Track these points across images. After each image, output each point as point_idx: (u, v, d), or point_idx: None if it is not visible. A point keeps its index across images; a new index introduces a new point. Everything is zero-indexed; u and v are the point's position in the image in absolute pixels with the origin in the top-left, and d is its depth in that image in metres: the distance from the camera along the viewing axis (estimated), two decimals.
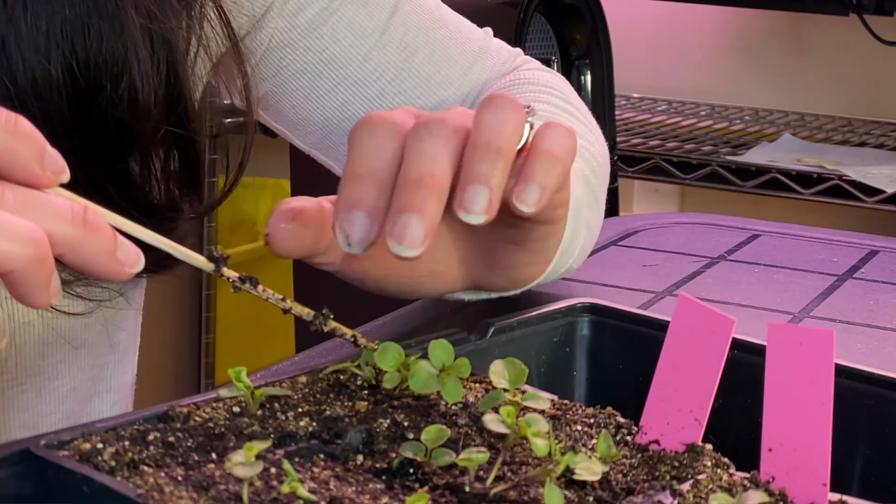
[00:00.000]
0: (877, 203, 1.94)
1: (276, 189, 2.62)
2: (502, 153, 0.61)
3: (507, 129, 0.62)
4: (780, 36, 2.40)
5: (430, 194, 0.59)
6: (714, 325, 0.56)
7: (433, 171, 0.60)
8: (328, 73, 0.90)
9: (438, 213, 0.59)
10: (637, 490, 0.54)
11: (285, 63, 0.89)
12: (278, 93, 0.90)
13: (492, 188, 0.59)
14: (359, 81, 0.90)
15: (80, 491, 0.49)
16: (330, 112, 0.91)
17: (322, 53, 0.89)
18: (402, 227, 0.58)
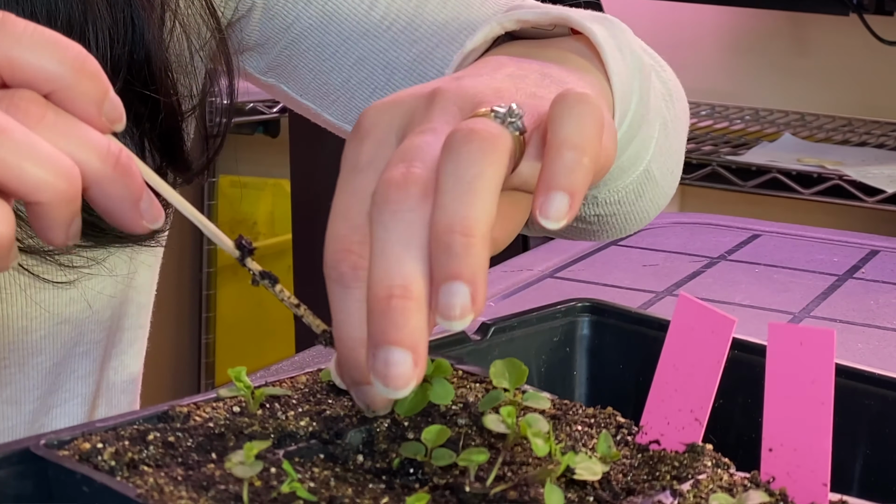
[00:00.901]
0: (877, 203, 1.94)
1: (276, 189, 2.62)
2: (473, 234, 0.51)
3: (475, 191, 0.51)
4: (780, 36, 2.40)
5: (406, 314, 0.50)
6: (714, 325, 0.56)
7: (403, 280, 0.51)
8: (335, 27, 0.87)
9: (423, 330, 0.51)
10: (637, 490, 0.53)
11: (290, 20, 0.87)
12: (292, 56, 0.88)
13: (470, 282, 0.50)
14: (367, 33, 0.87)
15: (80, 491, 0.49)
16: (347, 71, 0.88)
17: (325, 5, 0.87)
18: (384, 364, 0.50)
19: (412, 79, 0.87)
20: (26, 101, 0.51)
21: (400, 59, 0.87)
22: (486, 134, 0.53)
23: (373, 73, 0.88)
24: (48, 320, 0.81)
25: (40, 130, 0.51)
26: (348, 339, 0.54)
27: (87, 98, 0.53)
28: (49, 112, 0.52)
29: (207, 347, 2.52)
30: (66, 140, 0.52)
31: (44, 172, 0.50)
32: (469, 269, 0.50)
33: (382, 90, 0.88)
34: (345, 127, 0.91)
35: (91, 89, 0.53)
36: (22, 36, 0.51)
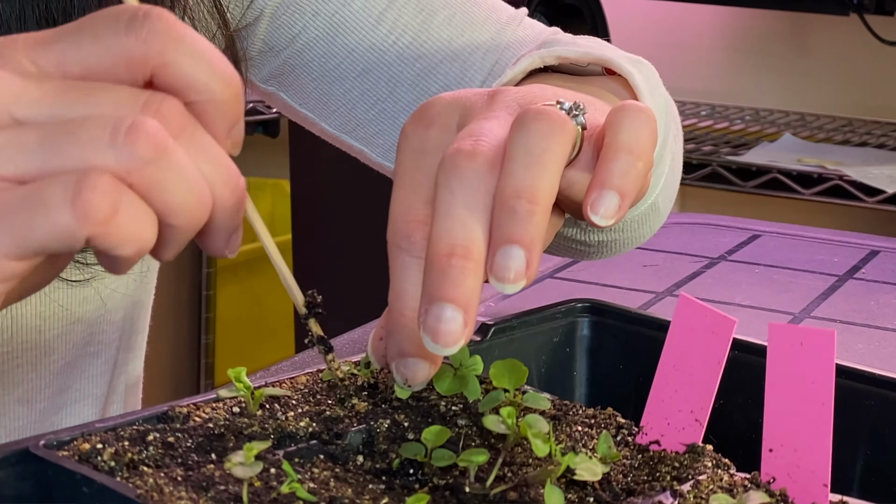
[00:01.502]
0: (877, 203, 1.94)
1: (276, 189, 2.62)
2: (537, 202, 0.53)
3: (543, 163, 0.54)
4: (780, 36, 2.40)
5: (464, 274, 0.52)
6: (715, 326, 0.56)
7: (465, 240, 0.53)
8: (341, 39, 0.87)
9: (477, 292, 0.52)
10: (637, 491, 0.53)
11: (296, 31, 0.87)
12: (296, 66, 0.89)
13: (527, 248, 0.52)
14: (374, 46, 0.87)
15: (79, 491, 0.49)
16: (350, 83, 0.89)
17: (332, 17, 0.87)
18: (436, 320, 0.51)
19: (415, 93, 0.88)
20: (172, 111, 0.49)
21: (404, 73, 0.87)
22: (555, 115, 0.55)
23: (376, 85, 0.88)
24: (62, 319, 0.81)
25: (181, 143, 0.49)
26: (406, 307, 0.55)
27: (225, 118, 0.51)
28: (189, 125, 0.50)
29: (207, 348, 2.52)
30: (202, 160, 0.50)
31: (189, 199, 0.49)
32: (528, 235, 0.52)
33: (384, 102, 0.88)
34: (343, 137, 0.91)
35: (231, 110, 0.51)
36: (182, 38, 0.50)
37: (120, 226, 0.47)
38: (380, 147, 0.90)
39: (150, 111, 0.49)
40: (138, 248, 0.48)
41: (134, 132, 0.48)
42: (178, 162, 0.49)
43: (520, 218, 0.52)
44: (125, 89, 0.50)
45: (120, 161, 0.48)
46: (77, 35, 0.50)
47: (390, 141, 0.89)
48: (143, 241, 0.48)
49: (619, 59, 0.75)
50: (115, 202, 0.47)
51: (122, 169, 0.48)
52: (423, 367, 0.55)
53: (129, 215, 0.48)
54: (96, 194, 0.47)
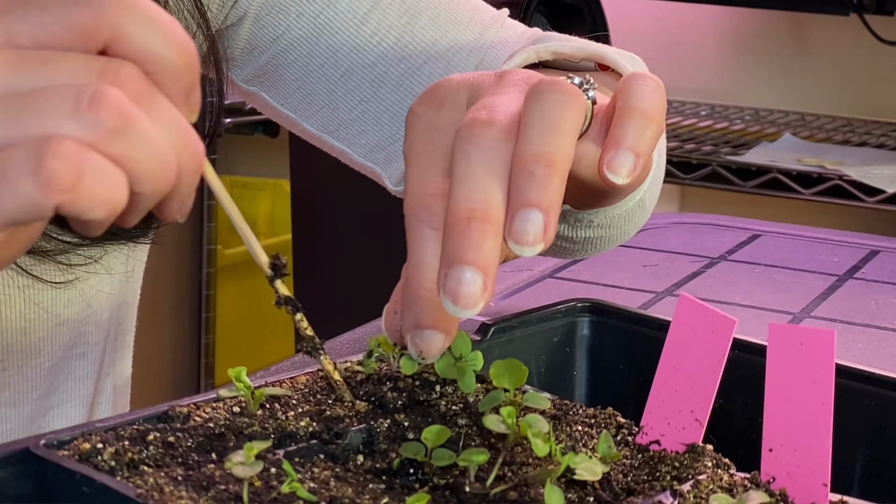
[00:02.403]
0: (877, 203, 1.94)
1: (276, 189, 2.62)
2: (555, 166, 0.54)
3: (559, 130, 0.55)
4: (780, 36, 2.40)
5: (484, 237, 0.53)
6: (715, 326, 0.56)
7: (484, 204, 0.53)
8: (325, 39, 0.87)
9: (496, 256, 0.53)
10: (637, 490, 0.53)
11: (280, 31, 0.87)
12: (278, 66, 0.88)
13: (545, 211, 0.53)
14: (358, 47, 0.87)
15: (80, 491, 0.49)
16: (333, 83, 0.88)
17: (316, 18, 0.87)
18: (456, 282, 0.52)
19: (399, 93, 0.88)
20: (130, 77, 0.49)
21: (388, 73, 0.87)
22: (569, 86, 0.56)
23: (359, 85, 0.88)
24: (47, 322, 0.81)
25: (141, 108, 0.49)
26: (425, 279, 0.56)
27: (181, 85, 0.51)
28: (148, 92, 0.50)
29: (207, 348, 2.52)
30: (163, 126, 0.50)
31: (155, 166, 0.49)
32: (546, 199, 0.53)
33: (368, 103, 0.88)
34: (324, 137, 0.91)
35: (187, 77, 0.51)
36: (134, 8, 0.50)
37: (88, 190, 0.47)
38: (362, 147, 0.90)
39: (108, 78, 0.49)
40: (109, 210, 0.48)
41: (97, 101, 0.48)
42: (143, 129, 0.49)
43: (538, 182, 0.53)
44: (79, 57, 0.49)
45: (84, 131, 0.47)
46: (25, 7, 0.50)
47: (372, 141, 0.89)
48: (113, 202, 0.48)
49: (612, 54, 0.76)
50: (79, 167, 0.47)
51: (87, 139, 0.47)
52: (438, 338, 0.56)
53: (96, 178, 0.47)
54: (58, 161, 0.46)
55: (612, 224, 0.81)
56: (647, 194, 0.81)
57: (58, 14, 0.49)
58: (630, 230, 0.85)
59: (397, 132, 0.89)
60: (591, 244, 0.85)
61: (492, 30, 0.89)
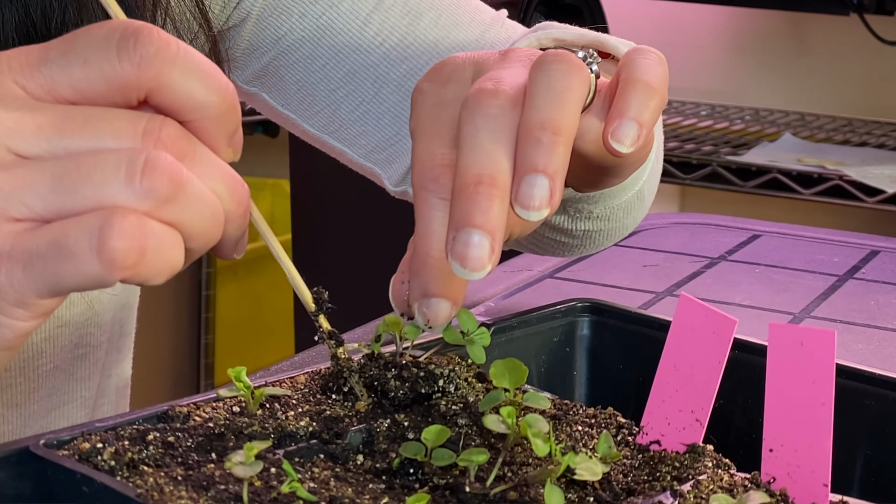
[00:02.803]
0: (877, 203, 1.94)
1: (276, 189, 2.62)
2: (561, 133, 0.55)
3: (565, 99, 0.56)
4: (780, 36, 2.40)
5: (492, 201, 0.54)
6: (715, 326, 0.56)
7: (492, 170, 0.54)
8: (327, 40, 0.87)
9: (503, 218, 0.54)
10: (638, 490, 0.53)
11: (282, 32, 0.87)
12: (280, 66, 0.88)
13: (551, 177, 0.54)
14: (360, 48, 0.87)
15: (80, 491, 0.49)
16: (335, 84, 0.88)
17: (319, 19, 0.87)
18: (464, 245, 0.53)
19: (400, 94, 0.88)
20: (173, 137, 0.49)
21: (390, 74, 0.87)
22: (573, 58, 0.58)
23: (361, 86, 0.88)
24: (49, 323, 0.81)
25: (186, 165, 0.49)
26: (433, 247, 0.57)
27: (225, 130, 0.51)
28: (190, 148, 0.50)
29: (207, 348, 2.52)
30: (210, 178, 0.50)
31: (208, 224, 0.50)
32: (553, 165, 0.54)
33: (369, 104, 0.88)
34: (325, 138, 0.91)
35: (230, 121, 0.51)
36: (175, 58, 0.49)
37: (149, 264, 0.48)
38: (362, 148, 0.90)
39: (152, 139, 0.49)
40: (169, 274, 0.49)
41: (150, 169, 0.48)
42: (194, 191, 0.49)
43: (544, 148, 0.54)
44: (123, 115, 0.49)
45: (139, 200, 0.48)
46: (65, 58, 0.49)
47: (373, 142, 0.89)
48: (172, 266, 0.49)
49: (612, 42, 0.76)
50: (142, 245, 0.47)
51: (142, 208, 0.48)
52: (445, 306, 0.57)
53: (157, 250, 0.48)
54: (122, 241, 0.47)
55: (611, 216, 0.81)
56: (645, 186, 0.82)
57: (101, 66, 0.49)
58: (629, 224, 0.86)
59: (398, 133, 0.89)
60: (590, 239, 0.85)
61: (492, 30, 0.90)
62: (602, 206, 0.80)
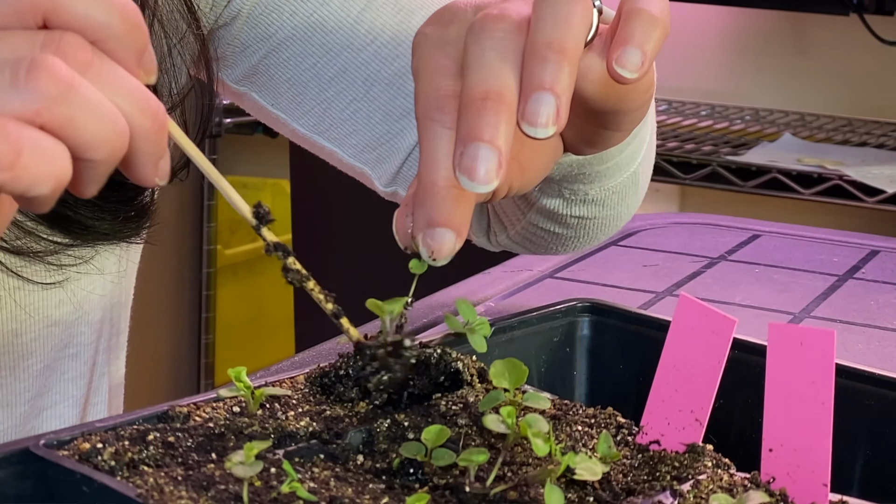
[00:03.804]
0: (877, 203, 1.94)
1: (276, 189, 2.62)
2: (567, 53, 0.55)
3: (570, 22, 0.56)
4: (780, 36, 2.40)
5: (499, 116, 0.54)
6: (715, 326, 0.56)
7: (499, 87, 0.55)
8: (318, 38, 0.86)
9: (510, 135, 0.55)
10: (637, 490, 0.53)
11: (273, 30, 0.86)
12: (270, 65, 0.88)
13: (558, 95, 0.55)
14: (351, 45, 0.87)
15: (80, 491, 0.49)
16: (326, 82, 0.87)
17: (310, 17, 0.86)
18: (472, 159, 0.54)
19: (391, 92, 0.87)
20: (74, 46, 0.49)
21: (381, 72, 0.87)
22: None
23: (352, 85, 0.87)
24: (38, 322, 0.80)
25: (89, 78, 0.49)
26: (438, 176, 0.56)
27: (130, 48, 0.51)
28: (95, 59, 0.50)
29: (207, 348, 2.52)
30: (114, 91, 0.50)
31: (105, 131, 0.49)
32: (559, 83, 0.55)
33: (360, 102, 0.88)
34: (314, 138, 0.90)
35: (134, 39, 0.51)
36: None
37: (27, 167, 0.47)
38: (352, 147, 0.89)
39: (51, 49, 0.49)
40: (54, 184, 0.48)
41: (34, 70, 0.48)
42: (86, 95, 0.49)
43: (551, 66, 0.55)
44: (20, 33, 0.50)
45: (25, 102, 0.47)
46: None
47: (363, 141, 0.89)
48: (56, 176, 0.48)
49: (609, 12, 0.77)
50: (16, 145, 0.47)
51: (28, 110, 0.47)
52: (449, 237, 0.56)
53: (36, 154, 0.47)
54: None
55: (606, 200, 0.81)
56: (640, 168, 0.82)
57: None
58: (623, 213, 0.85)
59: (389, 132, 0.88)
60: (584, 229, 0.84)
61: None
62: (598, 187, 0.79)
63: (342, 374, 0.60)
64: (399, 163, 0.89)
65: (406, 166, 0.89)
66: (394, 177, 0.89)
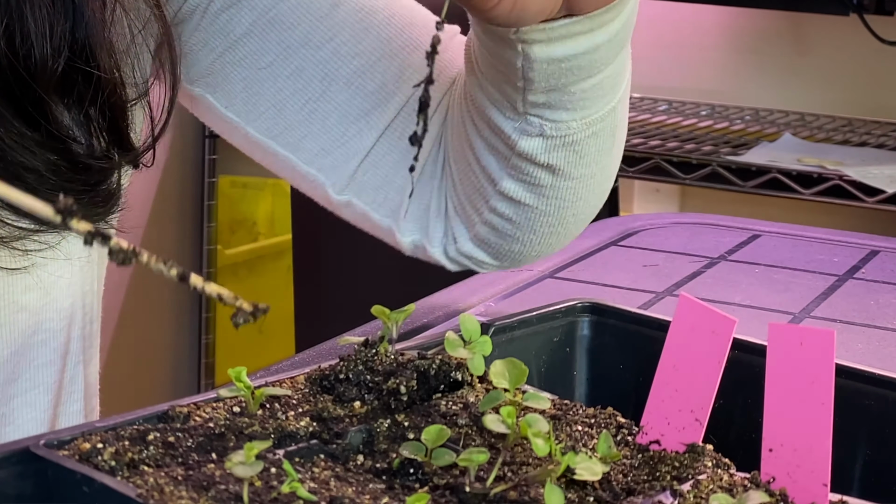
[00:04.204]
0: (877, 203, 1.94)
1: (276, 189, 2.62)
2: None
3: None
4: (780, 36, 2.40)
5: None
6: (715, 326, 0.56)
7: None
8: (276, 35, 0.86)
9: None
10: (637, 490, 0.53)
11: (231, 26, 0.85)
12: (227, 63, 0.87)
13: None
14: (310, 42, 0.86)
15: (80, 491, 0.49)
16: (282, 81, 0.87)
17: (269, 12, 0.85)
18: None
19: (349, 91, 0.86)
20: None
21: (339, 70, 0.86)
22: None
23: (308, 84, 0.86)
24: (5, 308, 0.80)
25: None
26: None
27: None
28: None
29: (207, 347, 2.52)
30: None
31: None
32: None
33: (316, 102, 0.87)
34: (268, 143, 0.89)
35: None
36: None
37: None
38: (307, 152, 0.88)
39: None
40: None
41: None
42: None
43: None
44: None
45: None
46: None
47: (318, 145, 0.88)
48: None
49: None
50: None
51: None
52: None
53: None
54: None
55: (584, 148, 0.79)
56: (619, 108, 0.81)
57: None
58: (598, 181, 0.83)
59: (345, 134, 0.87)
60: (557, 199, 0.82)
61: (448, 33, 0.89)
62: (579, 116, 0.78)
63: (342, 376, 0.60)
64: (354, 167, 0.88)
65: (361, 170, 0.88)
66: (348, 182, 0.88)
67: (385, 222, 0.90)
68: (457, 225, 0.88)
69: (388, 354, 0.60)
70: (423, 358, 0.60)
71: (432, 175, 0.89)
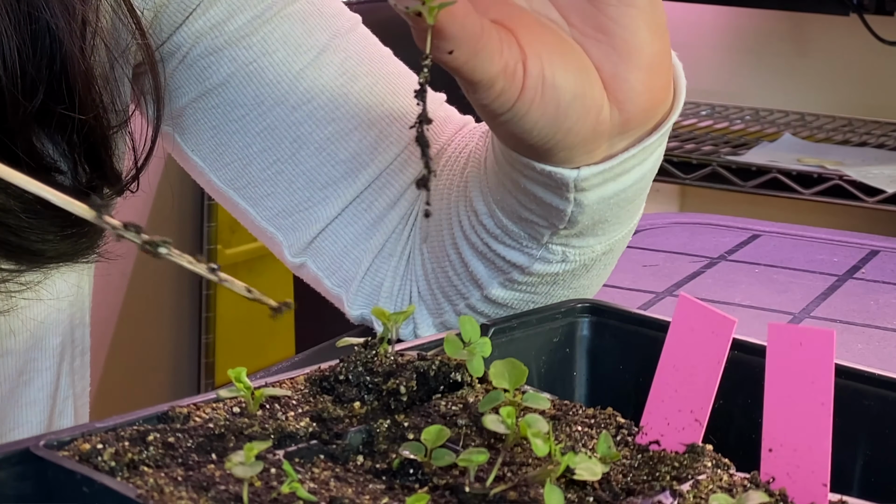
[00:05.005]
0: (877, 203, 1.94)
1: None
2: None
3: None
4: (780, 36, 2.40)
5: None
6: (714, 326, 0.56)
7: None
8: (253, 89, 0.82)
9: None
10: (637, 490, 0.53)
11: (208, 74, 0.82)
12: (198, 109, 0.83)
13: None
14: (286, 102, 0.82)
15: (80, 491, 0.49)
16: (251, 137, 0.83)
17: (249, 65, 0.82)
18: None
19: (320, 158, 0.83)
20: None
21: (313, 135, 0.83)
22: None
23: (278, 143, 0.83)
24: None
25: None
26: None
27: None
28: None
29: (207, 347, 2.52)
30: None
31: None
32: None
33: (283, 164, 0.83)
34: (229, 194, 0.86)
35: None
36: None
37: None
38: (267, 210, 0.85)
39: None
40: None
41: None
42: None
43: None
44: None
45: None
46: None
47: (280, 205, 0.85)
48: None
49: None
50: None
51: None
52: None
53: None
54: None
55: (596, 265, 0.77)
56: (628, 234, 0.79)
57: None
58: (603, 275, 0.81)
59: (309, 199, 0.84)
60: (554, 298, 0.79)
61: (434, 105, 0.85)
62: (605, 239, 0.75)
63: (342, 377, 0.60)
64: (314, 233, 0.85)
65: (320, 238, 0.85)
66: (305, 247, 0.85)
67: (335, 291, 0.86)
68: (420, 312, 0.84)
69: (388, 355, 0.60)
70: (423, 359, 0.60)
71: (391, 254, 0.84)
